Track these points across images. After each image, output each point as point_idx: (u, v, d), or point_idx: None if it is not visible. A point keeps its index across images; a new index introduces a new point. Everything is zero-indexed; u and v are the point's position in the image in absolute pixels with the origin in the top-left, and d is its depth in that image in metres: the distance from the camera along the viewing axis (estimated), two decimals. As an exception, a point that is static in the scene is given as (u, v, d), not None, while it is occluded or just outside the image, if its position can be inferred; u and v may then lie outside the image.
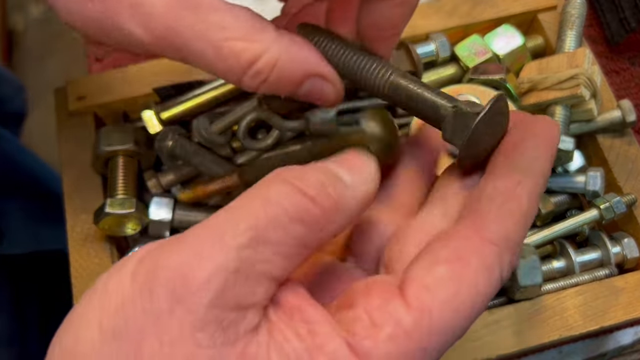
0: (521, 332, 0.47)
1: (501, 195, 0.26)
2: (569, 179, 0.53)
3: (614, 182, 0.53)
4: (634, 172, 0.53)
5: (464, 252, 0.25)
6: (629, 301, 0.48)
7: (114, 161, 0.51)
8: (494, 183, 0.27)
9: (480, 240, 0.25)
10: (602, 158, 0.54)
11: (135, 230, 0.50)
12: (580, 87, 0.50)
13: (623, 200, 0.51)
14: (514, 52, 0.56)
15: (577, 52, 0.53)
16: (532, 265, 0.47)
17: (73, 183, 0.53)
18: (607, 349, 0.56)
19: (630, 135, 0.54)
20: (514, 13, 0.59)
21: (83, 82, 0.56)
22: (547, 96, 0.52)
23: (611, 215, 0.51)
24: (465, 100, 0.31)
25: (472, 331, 0.47)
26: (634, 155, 0.54)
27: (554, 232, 0.51)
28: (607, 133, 0.54)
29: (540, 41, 0.59)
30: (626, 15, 0.65)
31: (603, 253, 0.52)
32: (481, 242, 0.25)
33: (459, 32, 0.58)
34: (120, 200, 0.49)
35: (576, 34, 0.56)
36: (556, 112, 0.52)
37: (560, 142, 0.50)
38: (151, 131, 0.53)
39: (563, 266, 0.51)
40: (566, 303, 0.48)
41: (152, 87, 0.55)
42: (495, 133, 0.29)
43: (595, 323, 0.47)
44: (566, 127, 0.52)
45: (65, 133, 0.55)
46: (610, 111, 0.54)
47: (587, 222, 0.52)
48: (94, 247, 0.51)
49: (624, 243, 0.51)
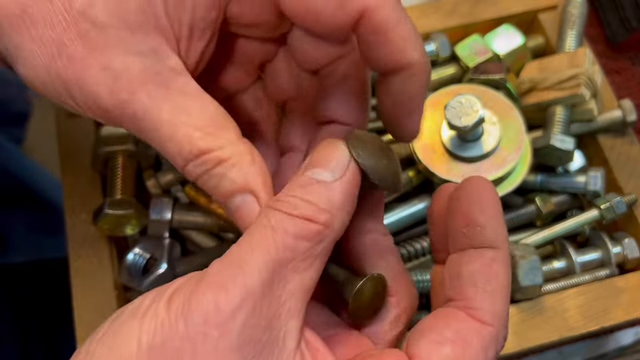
0: (522, 333, 0.47)
1: (482, 277, 0.28)
2: (570, 179, 0.53)
3: (614, 182, 0.53)
4: (635, 172, 0.53)
5: (466, 334, 0.27)
6: (630, 301, 0.48)
7: (113, 161, 0.51)
8: (468, 267, 0.29)
9: (479, 323, 0.28)
10: (603, 158, 0.54)
11: (134, 230, 0.50)
12: (580, 87, 0.50)
13: (624, 200, 0.51)
14: (515, 51, 0.56)
15: (577, 52, 0.53)
16: (532, 265, 0.46)
17: (72, 183, 0.53)
18: (607, 350, 0.56)
19: (631, 135, 0.54)
20: (514, 12, 0.59)
21: (82, 82, 0.56)
22: (548, 96, 0.52)
23: (612, 215, 0.50)
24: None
25: (472, 332, 0.47)
26: (635, 155, 0.53)
27: (555, 232, 0.51)
28: (608, 133, 0.54)
29: (540, 41, 0.59)
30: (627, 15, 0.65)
31: (604, 253, 0.51)
32: (480, 325, 0.28)
33: (459, 32, 0.58)
34: (119, 200, 0.49)
35: (577, 34, 0.56)
36: (556, 112, 0.52)
37: (561, 142, 0.50)
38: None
39: (564, 266, 0.51)
40: (567, 303, 0.48)
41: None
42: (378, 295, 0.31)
43: (596, 323, 0.47)
44: (567, 126, 0.51)
45: (64, 133, 0.55)
46: (611, 111, 0.54)
47: (587, 222, 0.51)
48: (93, 247, 0.50)
49: (625, 243, 0.51)
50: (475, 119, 0.44)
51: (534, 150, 0.51)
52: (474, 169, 0.47)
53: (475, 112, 0.44)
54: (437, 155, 0.48)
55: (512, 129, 0.48)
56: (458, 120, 0.45)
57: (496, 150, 0.48)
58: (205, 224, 0.50)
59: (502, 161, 0.47)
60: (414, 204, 0.50)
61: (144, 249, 0.51)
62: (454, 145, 0.47)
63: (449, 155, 0.48)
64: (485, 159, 0.48)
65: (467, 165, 0.47)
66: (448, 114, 0.45)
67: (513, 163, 0.47)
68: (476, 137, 0.47)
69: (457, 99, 0.45)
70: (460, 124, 0.44)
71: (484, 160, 0.48)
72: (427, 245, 0.49)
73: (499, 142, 0.48)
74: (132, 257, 0.51)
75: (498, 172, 0.47)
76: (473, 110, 0.45)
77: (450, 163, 0.48)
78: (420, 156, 0.48)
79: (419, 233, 0.51)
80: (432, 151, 0.48)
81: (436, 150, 0.48)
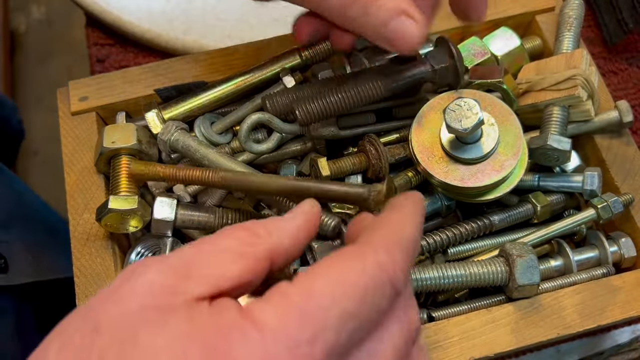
0: (519, 331, 0.47)
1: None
2: (566, 179, 0.53)
3: (611, 182, 0.53)
4: (632, 172, 0.53)
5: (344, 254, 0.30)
6: (626, 300, 0.49)
7: (116, 159, 0.52)
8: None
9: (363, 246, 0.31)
10: (599, 158, 0.54)
11: (137, 227, 0.51)
12: (577, 88, 0.51)
13: (620, 199, 0.51)
14: (512, 52, 0.56)
15: (574, 53, 0.53)
16: (529, 264, 0.47)
17: (75, 183, 0.53)
18: (604, 348, 0.57)
19: (627, 136, 0.55)
20: (512, 14, 0.59)
21: (85, 83, 0.57)
22: (545, 97, 0.52)
23: (609, 214, 0.51)
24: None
25: (470, 329, 0.47)
26: (631, 155, 0.54)
27: (552, 231, 0.52)
28: (604, 133, 0.55)
29: (537, 42, 0.59)
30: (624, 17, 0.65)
31: (600, 252, 0.52)
32: (361, 246, 0.31)
33: (457, 33, 0.59)
34: (123, 197, 0.49)
35: (574, 35, 0.56)
36: (553, 113, 0.52)
37: (558, 142, 0.50)
38: (154, 131, 0.53)
39: (561, 265, 0.52)
40: (564, 302, 0.48)
41: (153, 88, 0.55)
42: None
43: (593, 322, 0.48)
44: (564, 127, 0.52)
45: (67, 133, 0.55)
46: (608, 112, 0.54)
47: (585, 221, 0.52)
48: (95, 246, 0.51)
49: (622, 242, 0.52)
50: (475, 122, 0.45)
51: (531, 150, 0.51)
52: (472, 171, 0.48)
53: (475, 115, 0.45)
54: (435, 157, 0.48)
55: (511, 133, 0.49)
56: (458, 123, 0.45)
57: (495, 152, 0.48)
58: (208, 224, 0.51)
59: (500, 166, 0.48)
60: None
61: (146, 247, 0.52)
62: (453, 147, 0.48)
63: (448, 158, 0.48)
64: (483, 161, 0.48)
65: (465, 167, 0.48)
66: (447, 117, 0.45)
67: (511, 168, 0.48)
68: (475, 140, 0.48)
69: (457, 102, 0.45)
70: (460, 127, 0.45)
71: (482, 163, 0.48)
72: (427, 244, 0.50)
73: (498, 144, 0.48)
74: (134, 255, 0.52)
75: (496, 176, 0.48)
76: (472, 113, 0.45)
77: (449, 165, 0.48)
78: (419, 158, 0.49)
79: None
80: (431, 153, 0.49)
81: (435, 152, 0.49)
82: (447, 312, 0.49)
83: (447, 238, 0.50)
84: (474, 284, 0.48)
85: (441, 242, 0.50)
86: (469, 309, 0.49)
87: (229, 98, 0.55)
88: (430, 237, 0.50)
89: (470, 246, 0.51)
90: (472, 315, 0.48)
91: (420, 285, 0.48)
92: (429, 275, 0.47)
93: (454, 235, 0.50)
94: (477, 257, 0.51)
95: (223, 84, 0.54)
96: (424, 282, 0.47)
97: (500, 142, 0.48)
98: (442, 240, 0.50)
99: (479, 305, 0.50)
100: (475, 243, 0.51)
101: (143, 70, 0.57)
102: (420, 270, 0.48)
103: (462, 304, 0.50)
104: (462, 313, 0.49)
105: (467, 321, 0.48)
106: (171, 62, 0.58)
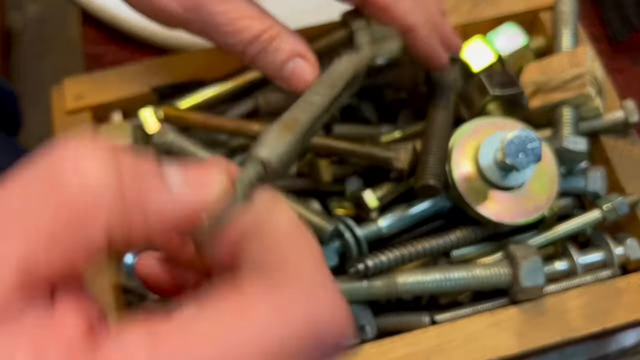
0: (523, 334, 0.47)
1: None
2: (570, 180, 0.52)
3: (617, 183, 0.53)
4: (637, 173, 0.53)
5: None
6: (632, 302, 0.48)
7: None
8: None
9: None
10: (605, 158, 0.53)
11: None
12: (586, 86, 0.50)
13: (626, 200, 0.50)
14: (517, 52, 0.55)
15: (577, 50, 0.52)
16: (534, 266, 0.46)
17: (70, 183, 0.52)
18: (609, 351, 0.56)
19: (633, 136, 0.54)
20: (515, 12, 0.59)
21: (81, 81, 0.56)
22: (554, 98, 0.51)
23: (614, 216, 0.50)
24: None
25: (473, 332, 0.46)
26: (637, 155, 0.53)
27: (557, 233, 0.51)
28: (610, 133, 0.54)
29: (541, 41, 0.58)
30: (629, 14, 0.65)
31: (606, 254, 0.51)
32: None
33: (459, 31, 0.58)
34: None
35: (572, 32, 0.55)
36: (564, 113, 0.51)
37: (573, 143, 0.49)
38: (149, 131, 0.52)
39: (565, 267, 0.51)
40: (568, 304, 0.48)
41: (149, 87, 0.55)
42: None
43: (598, 324, 0.47)
44: (575, 127, 0.50)
45: (63, 132, 0.54)
46: (614, 112, 0.53)
47: (590, 223, 0.51)
48: (91, 247, 0.50)
49: (627, 244, 0.51)
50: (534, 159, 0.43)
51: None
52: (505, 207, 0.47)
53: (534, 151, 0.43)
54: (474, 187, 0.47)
55: (547, 173, 0.48)
56: (515, 158, 0.43)
57: (529, 190, 0.47)
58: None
59: (533, 207, 0.47)
60: (415, 204, 0.50)
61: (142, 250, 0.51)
62: (491, 173, 0.47)
63: (485, 185, 0.47)
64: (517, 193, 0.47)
65: (501, 201, 0.47)
66: (507, 149, 0.43)
67: (542, 211, 0.47)
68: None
69: (517, 135, 0.43)
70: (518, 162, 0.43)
71: (517, 199, 0.47)
72: (429, 245, 0.49)
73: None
74: (130, 258, 0.51)
75: (527, 218, 0.47)
76: (532, 147, 0.43)
77: (485, 195, 0.47)
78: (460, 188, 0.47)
79: (421, 233, 0.50)
80: (470, 183, 0.47)
81: (474, 183, 0.47)
82: (450, 315, 0.48)
83: (450, 241, 0.49)
84: (477, 287, 0.47)
85: (444, 245, 0.49)
86: (472, 312, 0.49)
87: (227, 96, 0.54)
88: (432, 240, 0.49)
89: (473, 248, 0.50)
90: (475, 318, 0.47)
91: (423, 288, 0.47)
92: (432, 278, 0.47)
93: (457, 238, 0.49)
94: (480, 259, 0.50)
95: (221, 82, 0.54)
96: (427, 284, 0.47)
97: (535, 179, 0.47)
98: (444, 243, 0.49)
99: (482, 308, 0.49)
100: (478, 245, 0.51)
101: (140, 68, 0.56)
102: (423, 272, 0.47)
103: (465, 306, 0.49)
104: (465, 316, 0.48)
105: (470, 324, 0.47)
106: (168, 60, 0.57)
